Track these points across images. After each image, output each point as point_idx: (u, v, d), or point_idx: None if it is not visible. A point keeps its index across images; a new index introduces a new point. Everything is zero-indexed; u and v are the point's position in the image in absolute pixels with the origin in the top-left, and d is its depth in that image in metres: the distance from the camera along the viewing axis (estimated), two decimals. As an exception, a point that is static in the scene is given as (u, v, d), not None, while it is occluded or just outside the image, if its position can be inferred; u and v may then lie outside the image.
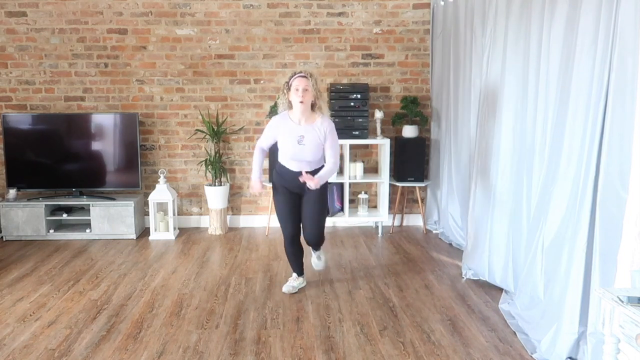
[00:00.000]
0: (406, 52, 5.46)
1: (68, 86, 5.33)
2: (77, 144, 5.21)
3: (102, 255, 4.63)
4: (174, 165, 5.51)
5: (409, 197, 5.69)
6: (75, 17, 5.23)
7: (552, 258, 2.97)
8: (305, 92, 3.47)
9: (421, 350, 2.98)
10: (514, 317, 3.32)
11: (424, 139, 5.31)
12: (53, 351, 2.96)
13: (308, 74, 3.51)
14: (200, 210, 5.60)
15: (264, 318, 3.39)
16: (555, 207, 2.92)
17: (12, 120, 5.12)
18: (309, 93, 3.49)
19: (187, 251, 4.78)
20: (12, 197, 5.14)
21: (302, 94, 3.46)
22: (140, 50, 5.31)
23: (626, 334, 1.96)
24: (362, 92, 5.14)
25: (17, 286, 3.92)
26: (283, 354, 2.93)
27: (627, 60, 2.38)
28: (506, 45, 3.58)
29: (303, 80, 3.48)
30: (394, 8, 5.37)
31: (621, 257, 2.39)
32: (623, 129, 2.41)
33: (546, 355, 2.81)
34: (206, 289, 3.88)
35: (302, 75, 3.50)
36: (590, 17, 2.63)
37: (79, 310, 3.49)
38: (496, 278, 3.76)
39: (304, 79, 3.48)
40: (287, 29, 5.35)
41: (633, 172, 2.36)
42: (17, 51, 5.26)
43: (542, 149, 3.19)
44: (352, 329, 3.24)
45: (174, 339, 3.10)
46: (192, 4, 5.26)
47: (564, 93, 2.88)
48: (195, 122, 5.43)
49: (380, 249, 4.83)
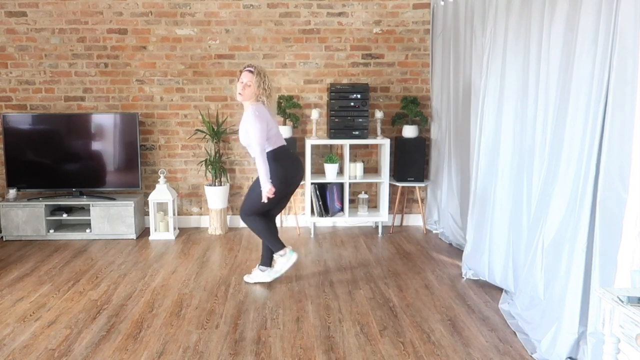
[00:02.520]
0: (406, 52, 5.46)
1: (68, 86, 5.33)
2: (77, 144, 5.21)
3: (102, 255, 4.63)
4: (174, 165, 5.51)
5: (409, 197, 5.69)
6: (75, 17, 5.23)
7: (552, 258, 2.97)
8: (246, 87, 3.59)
9: (421, 350, 2.98)
10: (514, 317, 3.32)
11: (424, 139, 5.31)
12: (53, 351, 2.96)
13: (256, 71, 3.59)
14: (200, 210, 5.60)
15: (264, 318, 3.39)
16: (555, 207, 2.92)
17: (12, 120, 5.12)
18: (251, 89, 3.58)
19: (187, 251, 4.78)
20: (12, 197, 5.14)
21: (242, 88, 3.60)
22: (140, 50, 5.31)
23: (626, 334, 1.96)
24: (362, 92, 5.14)
25: (17, 286, 3.92)
26: (283, 354, 2.93)
27: (627, 60, 2.38)
28: (506, 45, 3.58)
29: (247, 74, 3.59)
30: (394, 8, 5.37)
31: (621, 257, 2.39)
32: (623, 129, 2.41)
33: (546, 355, 2.81)
34: (206, 289, 3.88)
35: (248, 69, 3.61)
36: (590, 17, 2.63)
37: (79, 310, 3.49)
38: (496, 278, 3.76)
39: (248, 73, 3.59)
40: (287, 29, 5.35)
41: (633, 172, 2.36)
42: (17, 51, 5.26)
43: (542, 149, 3.19)
44: (352, 329, 3.24)
45: (174, 339, 3.10)
46: (192, 4, 5.26)
47: (564, 93, 2.88)
48: (195, 122, 5.43)
49: (380, 249, 4.83)
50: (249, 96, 3.60)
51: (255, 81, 3.56)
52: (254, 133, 3.53)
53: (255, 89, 3.57)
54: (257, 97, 3.61)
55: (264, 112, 3.62)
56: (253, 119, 3.53)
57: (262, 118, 3.56)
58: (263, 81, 3.59)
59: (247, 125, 3.57)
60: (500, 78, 3.65)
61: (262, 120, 3.55)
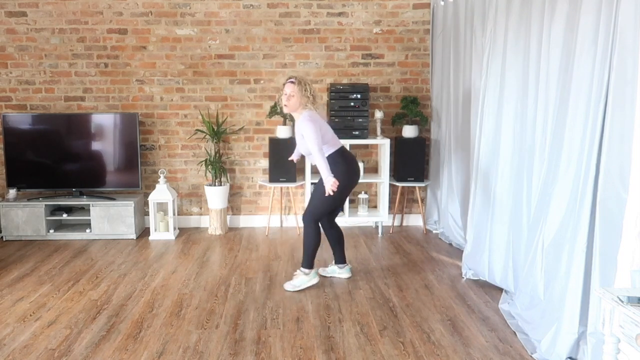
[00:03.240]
0: (406, 52, 5.46)
1: (68, 86, 5.33)
2: (77, 144, 5.21)
3: (102, 255, 4.64)
4: (174, 165, 5.51)
5: (409, 197, 5.69)
6: (75, 17, 5.23)
7: (552, 258, 2.97)
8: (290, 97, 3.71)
9: (421, 350, 2.98)
10: (514, 317, 3.32)
11: (424, 139, 5.31)
12: (53, 351, 2.96)
13: (297, 80, 3.73)
14: (200, 210, 5.60)
15: (264, 318, 3.39)
16: (555, 207, 2.92)
17: (12, 120, 5.12)
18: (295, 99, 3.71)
19: (187, 251, 4.78)
20: (12, 197, 5.14)
21: (286, 99, 3.74)
22: (140, 50, 5.31)
23: (626, 334, 1.96)
24: (362, 92, 5.14)
25: (17, 286, 3.92)
26: (283, 354, 2.93)
27: (627, 60, 2.38)
28: (506, 45, 3.58)
29: (290, 85, 3.73)
30: (394, 8, 5.37)
31: (621, 257, 2.39)
32: (623, 129, 2.40)
33: (546, 355, 2.81)
34: (206, 289, 3.88)
35: (290, 81, 3.75)
36: (590, 17, 2.63)
37: (79, 310, 3.49)
38: (496, 278, 3.76)
39: (291, 84, 3.73)
40: (287, 29, 5.35)
41: (633, 172, 2.36)
42: (17, 51, 5.26)
43: (542, 149, 3.19)
44: (352, 329, 3.24)
45: (174, 339, 3.10)
46: (192, 4, 5.26)
47: (564, 93, 2.88)
48: (195, 122, 5.43)
49: (380, 249, 4.83)
50: (295, 106, 3.74)
51: (298, 90, 3.71)
52: (310, 135, 3.63)
53: (300, 97, 3.72)
54: (303, 106, 3.75)
55: (315, 116, 3.76)
56: (306, 122, 3.65)
57: (315, 121, 3.69)
58: (305, 89, 3.73)
59: (302, 130, 3.68)
60: (500, 78, 3.65)
61: (315, 122, 3.68)
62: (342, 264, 4.12)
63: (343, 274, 4.10)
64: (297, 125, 3.78)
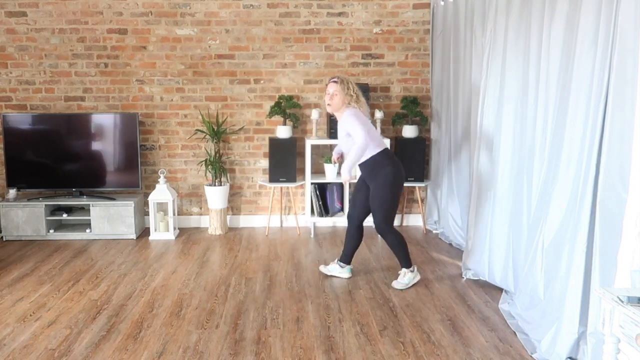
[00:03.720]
0: (406, 52, 5.46)
1: (68, 86, 5.33)
2: (77, 144, 5.21)
3: (102, 255, 4.64)
4: (174, 165, 5.51)
5: (409, 197, 5.69)
6: (75, 17, 5.23)
7: (552, 258, 2.97)
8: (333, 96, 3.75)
9: (421, 350, 2.98)
10: (514, 317, 3.32)
11: (424, 139, 5.31)
12: (53, 351, 2.96)
13: (339, 80, 3.76)
14: (200, 210, 5.60)
15: (264, 318, 3.39)
16: (555, 207, 2.92)
17: (12, 120, 5.12)
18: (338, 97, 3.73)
19: (187, 251, 4.78)
20: (12, 197, 5.14)
21: (329, 99, 3.77)
22: (140, 50, 5.31)
23: (626, 334, 1.96)
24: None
25: (17, 286, 3.92)
26: (283, 354, 2.93)
27: (627, 60, 2.38)
28: (506, 45, 3.58)
29: (332, 85, 3.76)
30: (394, 8, 5.37)
31: (621, 257, 2.39)
32: (623, 129, 2.41)
33: (546, 355, 2.81)
34: (206, 289, 3.88)
35: (333, 80, 3.78)
36: (590, 17, 2.63)
37: (79, 310, 3.49)
38: (496, 278, 3.76)
39: (333, 84, 3.76)
40: (287, 29, 5.35)
41: (633, 172, 2.36)
42: (17, 51, 5.26)
43: (542, 149, 3.19)
44: (352, 329, 3.24)
45: (174, 339, 3.10)
46: (192, 4, 5.26)
47: (564, 93, 2.88)
48: (195, 122, 5.44)
49: (380, 249, 4.83)
50: (338, 105, 3.76)
51: (341, 89, 3.73)
52: (357, 131, 3.62)
53: (343, 96, 3.74)
54: (346, 104, 3.76)
55: (360, 114, 3.75)
56: (352, 119, 3.65)
57: (360, 118, 3.69)
58: (348, 87, 3.75)
59: (347, 127, 3.67)
60: (500, 78, 3.65)
61: (360, 119, 3.68)
62: (344, 264, 4.12)
63: (344, 274, 4.09)
64: (340, 123, 3.76)
